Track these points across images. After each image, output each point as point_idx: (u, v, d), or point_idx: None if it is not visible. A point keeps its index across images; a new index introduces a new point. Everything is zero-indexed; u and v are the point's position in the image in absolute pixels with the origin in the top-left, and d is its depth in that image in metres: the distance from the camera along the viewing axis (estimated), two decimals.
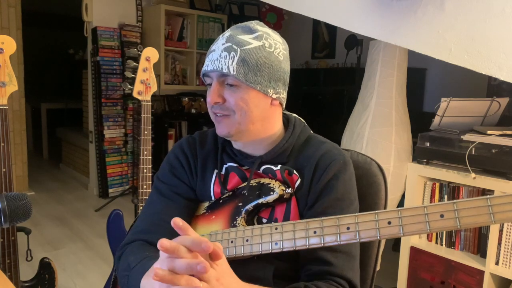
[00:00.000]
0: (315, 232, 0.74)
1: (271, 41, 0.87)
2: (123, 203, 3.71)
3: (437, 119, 1.86)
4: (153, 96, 1.90)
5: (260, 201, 0.87)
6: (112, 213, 1.86)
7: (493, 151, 1.64)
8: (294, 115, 1.00)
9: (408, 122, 2.25)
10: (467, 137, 1.70)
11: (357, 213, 0.73)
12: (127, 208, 3.38)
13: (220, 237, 0.84)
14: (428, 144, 1.83)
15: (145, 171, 1.76)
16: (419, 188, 1.87)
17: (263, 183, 0.89)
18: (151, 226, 0.90)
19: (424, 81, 3.52)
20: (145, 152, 1.76)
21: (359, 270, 0.88)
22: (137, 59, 2.16)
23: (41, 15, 6.34)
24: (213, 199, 0.94)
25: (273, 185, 0.88)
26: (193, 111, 4.21)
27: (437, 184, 1.82)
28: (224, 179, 0.94)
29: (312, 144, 0.93)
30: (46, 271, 1.70)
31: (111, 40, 3.80)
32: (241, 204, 0.89)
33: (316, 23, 4.45)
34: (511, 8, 1.33)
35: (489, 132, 1.66)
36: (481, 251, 1.74)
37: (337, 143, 0.97)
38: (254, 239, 0.79)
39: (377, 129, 2.16)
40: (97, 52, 3.73)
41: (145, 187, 1.75)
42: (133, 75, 1.89)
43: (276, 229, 0.78)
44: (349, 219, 0.72)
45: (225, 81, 0.85)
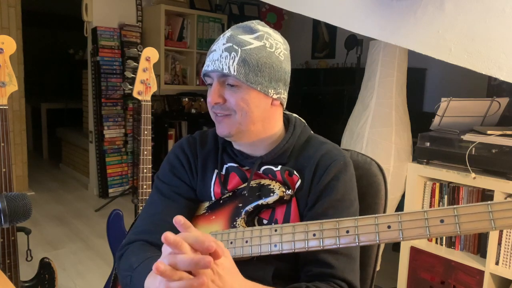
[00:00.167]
0: (314, 235, 0.74)
1: (272, 41, 0.87)
2: (123, 203, 3.71)
3: (437, 119, 1.86)
4: (153, 96, 1.90)
5: (260, 202, 0.87)
6: (112, 213, 1.86)
7: (493, 151, 1.64)
8: (295, 115, 1.00)
9: (408, 122, 2.25)
10: (467, 137, 1.70)
11: (357, 217, 0.73)
12: (127, 208, 3.38)
13: (219, 237, 0.84)
14: (428, 144, 1.84)
15: (145, 171, 1.76)
16: (419, 188, 1.87)
17: (263, 184, 0.89)
18: (152, 226, 0.90)
19: (424, 81, 3.52)
20: (145, 152, 1.76)
21: (359, 271, 0.88)
22: (137, 59, 2.16)
23: (41, 15, 6.34)
24: (213, 199, 0.94)
25: (273, 186, 0.88)
26: (193, 111, 4.20)
27: (437, 184, 1.82)
28: (224, 180, 0.94)
29: (313, 145, 0.93)
30: (46, 271, 1.70)
31: (111, 40, 3.80)
32: (241, 205, 0.89)
33: (316, 23, 4.45)
34: (511, 8, 1.33)
35: (489, 132, 1.66)
36: (481, 251, 1.74)
37: (337, 143, 0.97)
38: (254, 240, 0.79)
39: (377, 129, 2.16)
40: (97, 52, 3.73)
41: (145, 187, 1.75)
42: (133, 75, 1.89)
43: (276, 231, 0.77)
44: (349, 222, 0.72)
45: (225, 81, 0.85)
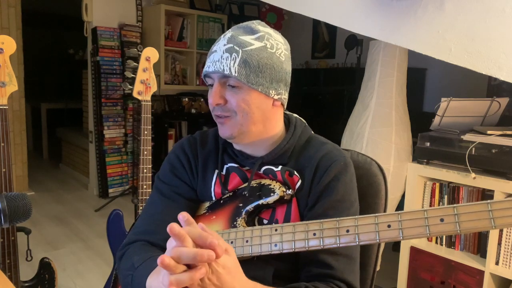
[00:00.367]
0: (314, 234, 0.74)
1: (272, 42, 0.87)
2: (123, 203, 3.70)
3: (437, 119, 1.87)
4: (153, 96, 1.90)
5: (260, 202, 0.87)
6: (112, 213, 1.86)
7: (493, 151, 1.64)
8: (295, 115, 1.00)
9: (408, 122, 2.25)
10: (467, 137, 1.70)
11: (357, 216, 0.73)
12: (127, 208, 3.38)
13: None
14: (428, 144, 1.84)
15: (145, 171, 1.76)
16: (419, 188, 1.87)
17: (263, 184, 0.89)
18: (153, 227, 0.90)
19: (424, 81, 3.52)
20: (145, 152, 1.76)
21: (359, 271, 0.88)
22: (137, 59, 2.16)
23: (41, 15, 6.33)
24: (214, 199, 0.94)
25: (274, 186, 0.88)
26: (193, 111, 4.20)
27: (437, 184, 1.82)
28: (225, 180, 0.94)
29: (313, 145, 0.93)
30: (46, 271, 1.70)
31: (111, 40, 3.80)
32: (241, 204, 0.89)
33: (316, 23, 4.45)
34: (511, 8, 1.33)
35: (489, 132, 1.66)
36: (481, 251, 1.74)
37: (337, 143, 0.97)
38: (254, 240, 0.79)
39: (377, 129, 2.16)
40: (97, 52, 3.73)
41: (145, 187, 1.75)
42: (133, 75, 1.89)
43: (276, 230, 0.77)
44: (349, 222, 0.72)
45: (226, 82, 0.85)
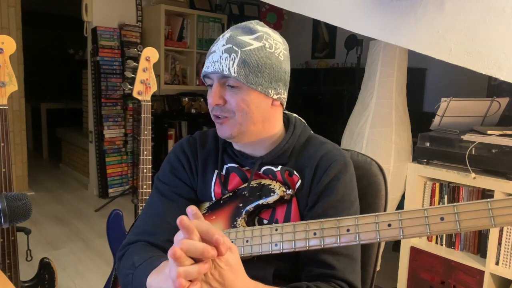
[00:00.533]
0: (315, 233, 0.74)
1: (271, 42, 0.87)
2: (123, 203, 3.70)
3: (437, 119, 1.86)
4: (153, 96, 1.90)
5: (260, 202, 0.87)
6: (112, 213, 1.86)
7: (493, 151, 1.64)
8: (295, 115, 1.00)
9: (408, 122, 2.25)
10: (467, 137, 1.70)
11: (357, 215, 0.73)
12: (127, 208, 3.38)
13: None
14: (428, 144, 1.84)
15: (145, 171, 1.76)
16: (419, 188, 1.87)
17: (263, 184, 0.89)
18: (153, 227, 0.90)
19: (424, 81, 3.52)
20: (145, 152, 1.76)
21: (360, 272, 0.88)
22: (137, 59, 2.16)
23: (41, 15, 6.33)
24: (214, 199, 0.94)
25: (274, 186, 0.88)
26: (193, 111, 4.20)
27: (437, 184, 1.82)
28: (224, 180, 0.94)
29: (313, 145, 0.93)
30: (46, 271, 1.70)
31: (111, 40, 3.80)
32: (241, 204, 0.89)
33: (316, 23, 4.45)
34: (511, 8, 1.33)
35: (489, 132, 1.66)
36: (481, 251, 1.74)
37: (337, 143, 0.97)
38: (254, 240, 0.79)
39: (377, 129, 2.16)
40: (97, 52, 3.73)
41: (145, 187, 1.75)
42: (133, 75, 1.89)
43: (276, 230, 0.77)
44: (349, 221, 0.72)
45: (226, 82, 0.85)
